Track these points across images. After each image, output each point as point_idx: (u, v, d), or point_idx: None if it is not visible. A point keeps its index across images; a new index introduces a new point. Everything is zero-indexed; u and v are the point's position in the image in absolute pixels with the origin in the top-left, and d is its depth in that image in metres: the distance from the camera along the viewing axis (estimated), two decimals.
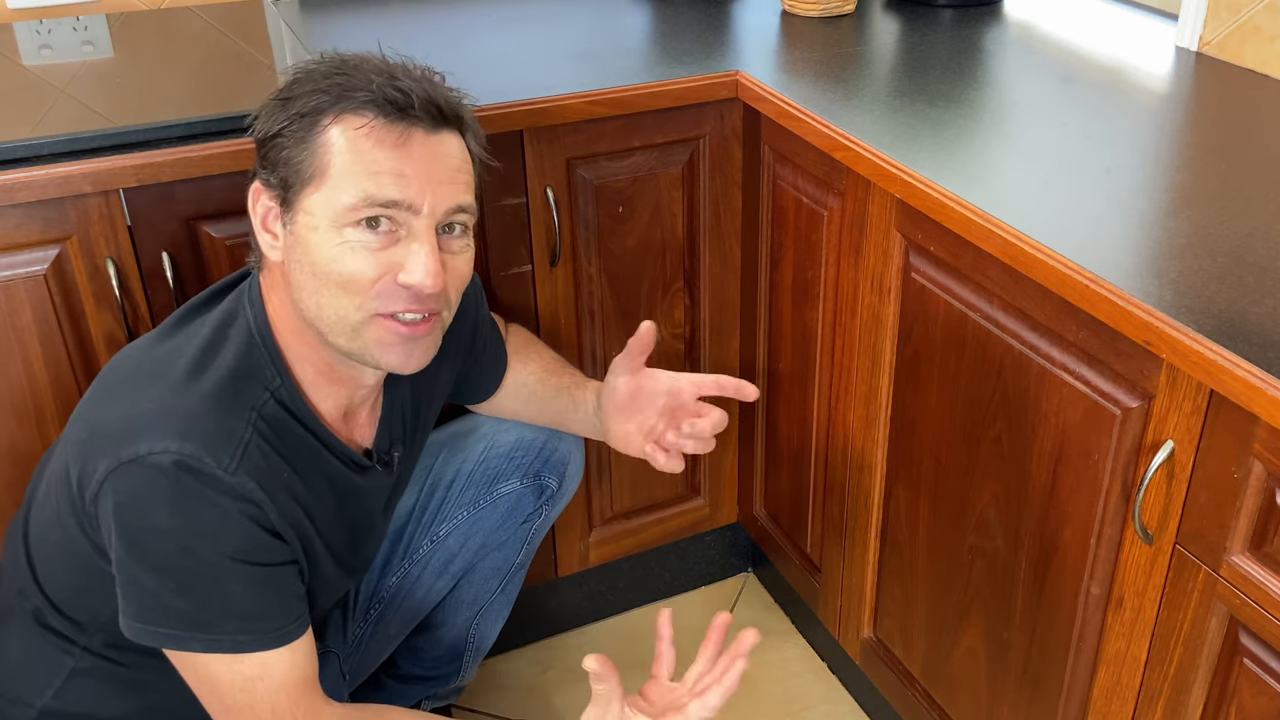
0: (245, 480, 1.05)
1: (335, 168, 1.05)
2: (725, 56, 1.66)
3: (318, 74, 1.08)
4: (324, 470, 1.17)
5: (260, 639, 1.09)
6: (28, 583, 1.17)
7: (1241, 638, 1.04)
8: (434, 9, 1.88)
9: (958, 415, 1.34)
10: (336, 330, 1.09)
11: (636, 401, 1.35)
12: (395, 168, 1.05)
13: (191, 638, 1.07)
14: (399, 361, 1.11)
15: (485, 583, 1.54)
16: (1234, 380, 0.95)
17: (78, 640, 1.17)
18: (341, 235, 1.05)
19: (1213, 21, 1.63)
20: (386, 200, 1.05)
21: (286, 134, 1.06)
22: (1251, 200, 1.22)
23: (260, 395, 1.10)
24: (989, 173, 1.31)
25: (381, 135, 1.05)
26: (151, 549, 1.04)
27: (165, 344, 1.12)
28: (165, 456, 1.02)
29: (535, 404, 1.47)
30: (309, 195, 1.06)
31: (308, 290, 1.08)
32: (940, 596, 1.45)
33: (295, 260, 1.08)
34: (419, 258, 1.06)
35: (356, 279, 1.06)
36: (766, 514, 1.88)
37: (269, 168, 1.09)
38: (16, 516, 1.22)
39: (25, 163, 1.29)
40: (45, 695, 1.18)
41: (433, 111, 1.07)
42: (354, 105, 1.05)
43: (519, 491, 1.48)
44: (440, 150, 1.08)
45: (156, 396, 1.06)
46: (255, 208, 1.11)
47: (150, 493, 1.02)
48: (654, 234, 1.66)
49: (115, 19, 1.77)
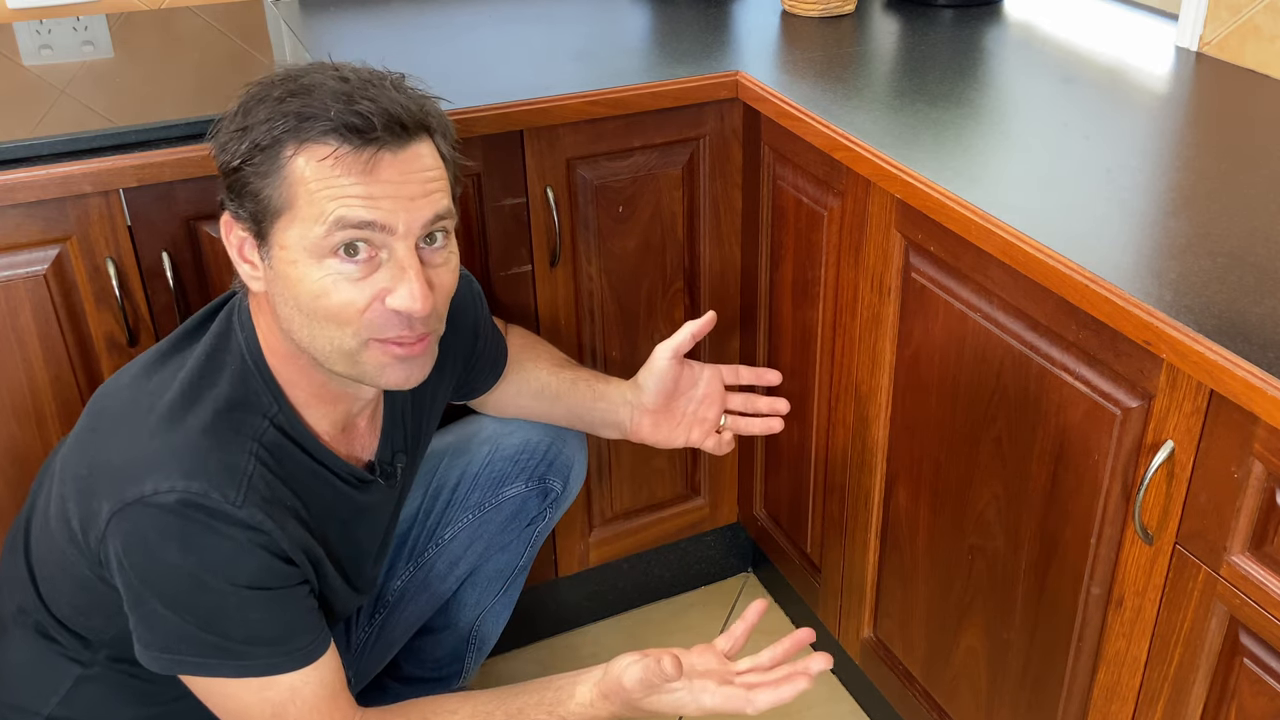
0: (254, 512, 1.04)
1: (302, 198, 1.01)
2: (725, 56, 1.66)
3: (271, 98, 1.03)
4: (327, 492, 1.16)
5: (290, 659, 1.08)
6: (30, 598, 1.16)
7: (1241, 638, 1.04)
8: (434, 9, 1.87)
9: (958, 415, 1.34)
10: (334, 359, 1.07)
11: (680, 387, 1.42)
12: (364, 191, 1.01)
13: (221, 664, 1.06)
14: (400, 380, 1.10)
15: (488, 585, 1.54)
16: (1234, 380, 0.95)
17: (83, 653, 1.16)
18: (323, 268, 1.02)
19: (1213, 21, 1.63)
20: (358, 221, 1.01)
21: (249, 168, 1.03)
22: (1251, 200, 1.22)
23: (259, 424, 1.09)
24: (989, 173, 1.31)
25: (349, 163, 1.01)
26: (167, 588, 1.03)
27: (158, 374, 1.10)
28: (170, 495, 1.01)
29: (547, 399, 1.47)
30: (282, 229, 1.03)
31: (298, 324, 1.06)
32: (940, 596, 1.45)
33: (279, 294, 1.06)
34: (405, 283, 1.03)
35: (344, 310, 1.04)
36: (766, 514, 1.88)
37: (237, 200, 1.05)
38: (15, 528, 1.21)
39: (25, 163, 1.29)
40: (51, 703, 1.17)
41: (395, 129, 1.02)
42: (315, 134, 1.01)
43: (524, 494, 1.48)
44: (410, 165, 1.04)
45: (155, 433, 1.05)
46: (230, 238, 1.08)
47: (159, 533, 1.02)
48: (654, 234, 1.66)
49: (115, 19, 1.77)
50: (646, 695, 1.14)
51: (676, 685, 1.14)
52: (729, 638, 1.21)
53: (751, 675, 1.17)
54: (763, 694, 1.13)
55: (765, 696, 1.13)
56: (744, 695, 1.14)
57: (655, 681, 1.12)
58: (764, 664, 1.18)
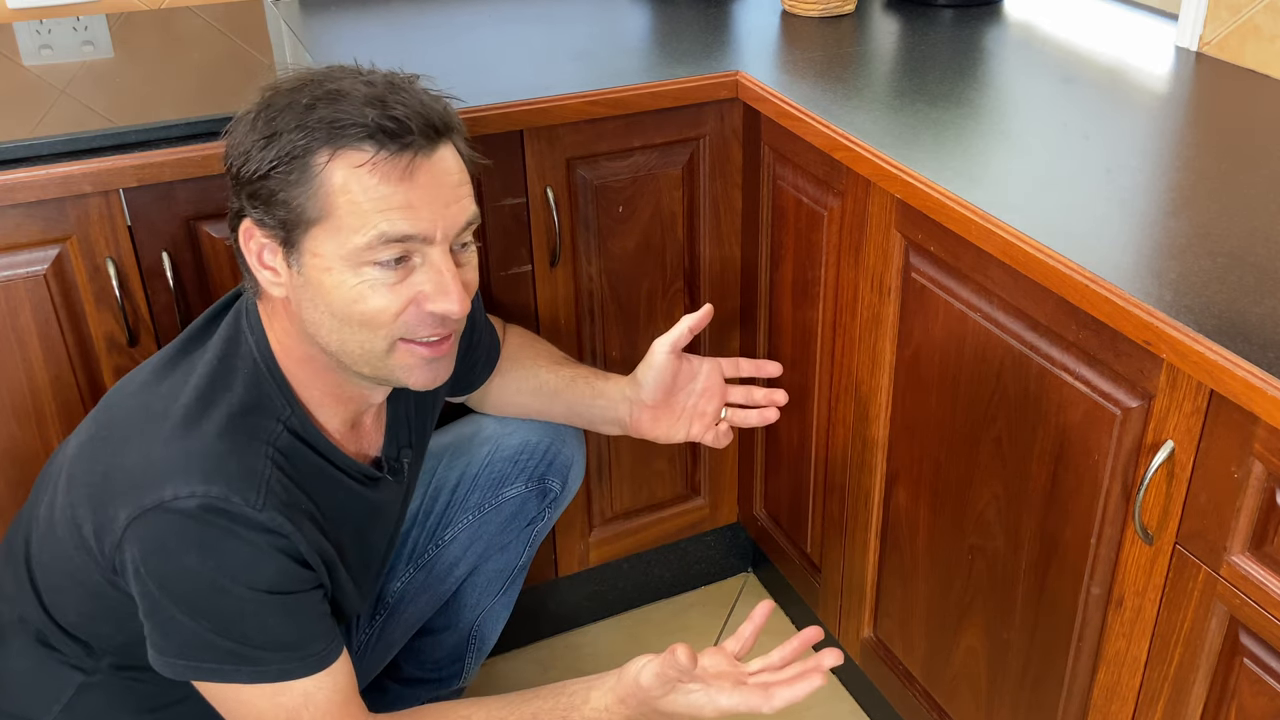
0: (274, 515, 1.04)
1: (342, 208, 1.02)
2: (725, 56, 1.66)
3: (298, 105, 1.03)
4: (340, 492, 1.16)
5: (304, 664, 1.08)
6: (31, 608, 1.15)
7: (1241, 638, 1.04)
8: (434, 9, 1.87)
9: (958, 415, 1.34)
10: (362, 362, 1.09)
11: (679, 381, 1.41)
12: (404, 200, 1.02)
13: (236, 670, 1.06)
14: (427, 380, 1.11)
15: (488, 585, 1.54)
16: (1234, 380, 0.95)
17: (86, 661, 1.16)
18: (359, 275, 1.04)
19: (1213, 21, 1.63)
20: (401, 235, 1.03)
21: (277, 175, 1.02)
22: (1251, 200, 1.22)
23: (273, 428, 1.09)
24: (989, 173, 1.31)
25: (386, 170, 1.02)
26: (185, 593, 1.03)
27: (168, 380, 1.10)
28: (191, 501, 1.01)
29: (546, 396, 1.47)
30: (316, 237, 1.03)
31: (327, 328, 1.07)
32: (940, 596, 1.45)
33: (308, 299, 1.07)
34: (446, 290, 1.05)
35: (380, 315, 1.05)
36: (766, 514, 1.88)
37: (261, 207, 1.05)
38: (13, 536, 1.20)
39: (25, 163, 1.29)
40: (53, 711, 1.17)
41: (429, 132, 1.04)
42: (351, 141, 1.01)
43: (523, 495, 1.48)
44: (441, 170, 1.06)
45: (171, 439, 1.05)
46: (248, 245, 1.08)
47: (178, 538, 1.02)
48: (654, 234, 1.66)
49: (115, 19, 1.77)
50: (665, 694, 1.13)
51: (693, 686, 1.13)
52: (738, 640, 1.21)
53: (765, 675, 1.17)
54: (780, 692, 1.14)
55: (783, 694, 1.13)
56: (761, 694, 1.14)
57: (671, 675, 1.11)
58: (775, 663, 1.19)
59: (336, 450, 1.16)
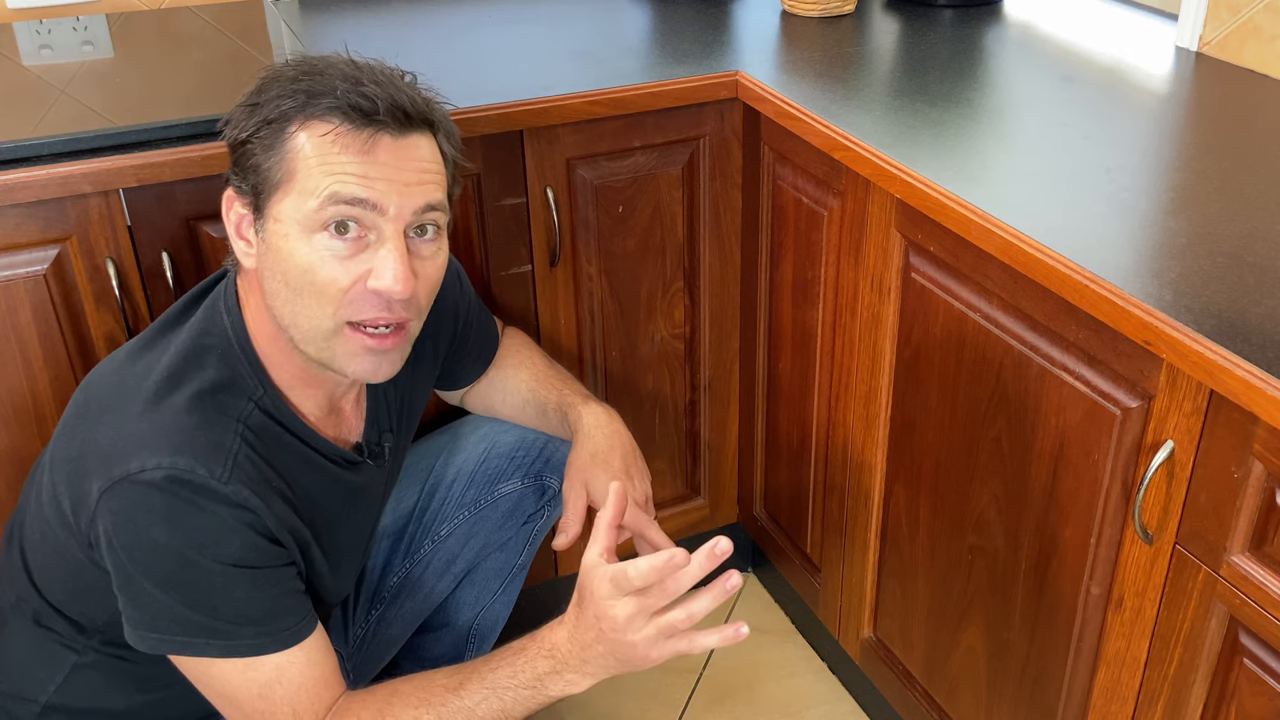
0: (240, 489, 1.05)
1: (300, 171, 1.05)
2: (725, 56, 1.66)
3: (285, 78, 1.07)
4: (317, 474, 1.17)
5: (275, 640, 1.09)
6: (25, 587, 1.17)
7: (1241, 638, 1.04)
8: (434, 9, 1.87)
9: (957, 415, 1.34)
10: (308, 338, 1.09)
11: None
12: (360, 170, 1.04)
13: (207, 644, 1.07)
14: (367, 371, 1.11)
15: (487, 583, 1.54)
16: (1234, 380, 0.95)
17: (78, 640, 1.17)
18: (313, 243, 1.05)
19: (1213, 21, 1.63)
20: (351, 198, 1.04)
21: (255, 141, 1.06)
22: (1251, 200, 1.22)
23: (244, 406, 1.10)
24: (989, 173, 1.31)
25: (347, 141, 1.04)
26: (153, 565, 1.04)
27: (145, 358, 1.12)
28: (157, 472, 1.02)
29: (528, 415, 1.48)
30: (278, 202, 1.06)
31: (282, 298, 1.08)
32: (940, 596, 1.45)
33: (268, 268, 1.08)
34: (388, 263, 1.06)
35: (328, 287, 1.06)
36: (766, 514, 1.88)
37: (240, 174, 1.08)
38: (12, 521, 1.22)
39: (25, 163, 1.29)
40: (49, 690, 1.18)
41: (399, 116, 1.06)
42: (320, 111, 1.04)
43: (520, 492, 1.48)
44: (408, 153, 1.07)
45: (142, 413, 1.06)
46: (229, 215, 1.11)
47: (145, 509, 1.03)
48: (654, 234, 1.66)
49: (115, 19, 1.77)
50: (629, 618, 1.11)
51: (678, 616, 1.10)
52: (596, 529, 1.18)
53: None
54: (698, 601, 1.11)
55: (699, 605, 1.11)
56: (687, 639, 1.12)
57: (621, 581, 1.10)
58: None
59: (312, 432, 1.16)
